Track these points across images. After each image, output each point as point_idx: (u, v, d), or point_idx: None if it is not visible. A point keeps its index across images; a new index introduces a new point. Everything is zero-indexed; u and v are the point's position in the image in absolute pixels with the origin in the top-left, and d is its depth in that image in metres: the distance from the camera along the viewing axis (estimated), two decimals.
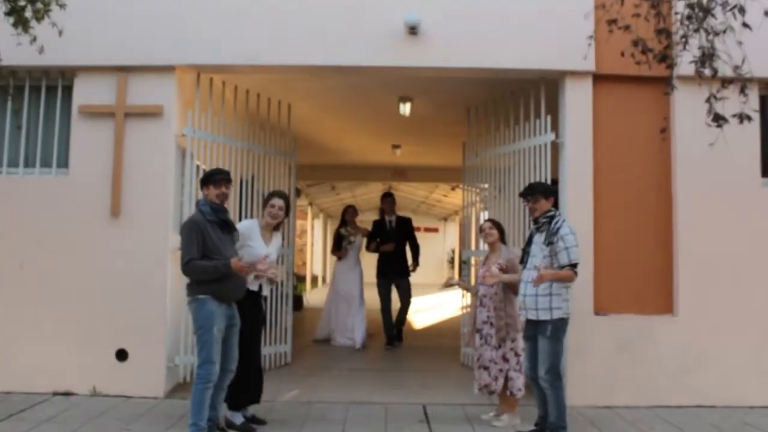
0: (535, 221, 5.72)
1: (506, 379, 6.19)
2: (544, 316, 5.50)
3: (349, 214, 10.95)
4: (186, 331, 7.17)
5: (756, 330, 7.07)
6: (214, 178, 5.49)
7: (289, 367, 8.69)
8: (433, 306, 17.90)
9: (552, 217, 5.60)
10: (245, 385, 5.91)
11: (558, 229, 5.49)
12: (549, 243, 5.50)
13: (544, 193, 5.71)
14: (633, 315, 7.10)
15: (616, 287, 7.11)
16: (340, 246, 10.86)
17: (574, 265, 5.43)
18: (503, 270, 6.21)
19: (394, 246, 10.71)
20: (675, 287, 7.15)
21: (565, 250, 5.41)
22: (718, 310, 7.06)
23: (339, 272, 10.98)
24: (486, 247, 6.71)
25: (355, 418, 6.32)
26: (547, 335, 5.48)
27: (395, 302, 10.73)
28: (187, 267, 5.22)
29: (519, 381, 6.14)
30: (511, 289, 6.16)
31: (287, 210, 6.14)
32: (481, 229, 6.60)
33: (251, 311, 5.92)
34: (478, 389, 6.38)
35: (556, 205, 5.73)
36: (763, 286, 7.08)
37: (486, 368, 6.30)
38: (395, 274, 10.73)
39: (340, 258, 10.94)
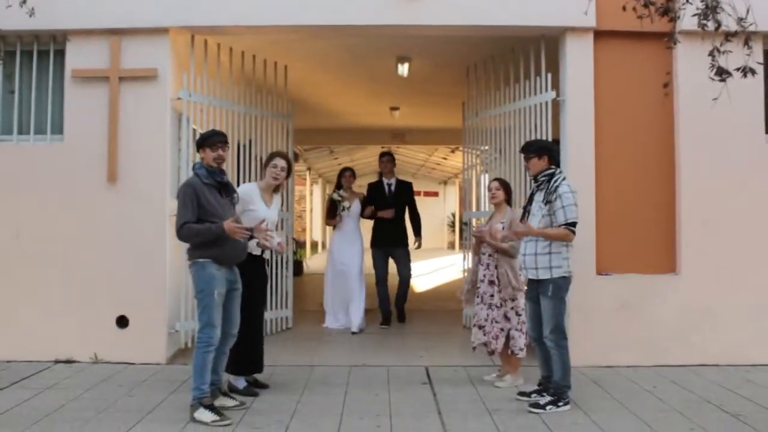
0: (535, 179, 5.65)
1: (508, 338, 6.17)
2: (544, 275, 5.45)
3: (345, 178, 9.32)
4: (186, 297, 7.14)
5: (759, 288, 7.04)
6: (211, 140, 5.38)
7: (290, 332, 8.71)
8: (433, 270, 17.93)
9: (551, 175, 5.52)
10: (249, 350, 5.90)
11: (557, 187, 5.41)
12: (547, 201, 5.43)
13: (536, 152, 5.60)
14: (635, 274, 7.06)
15: (618, 246, 7.07)
16: (334, 213, 9.26)
17: (572, 224, 5.37)
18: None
19: (392, 212, 9.41)
20: (678, 246, 7.11)
21: (561, 209, 5.34)
22: (721, 269, 7.03)
23: (336, 243, 9.40)
24: (490, 207, 6.65)
25: (357, 381, 6.32)
26: (548, 295, 5.44)
27: (392, 277, 9.47)
28: (180, 231, 5.15)
29: (520, 340, 6.12)
30: (505, 254, 6.12)
31: (289, 171, 6.08)
32: (489, 189, 6.53)
33: (255, 275, 5.91)
34: (473, 348, 6.38)
35: (556, 164, 5.63)
36: (767, 244, 7.03)
37: (481, 327, 6.27)
38: (392, 243, 9.41)
39: (335, 227, 9.36)
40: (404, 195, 9.70)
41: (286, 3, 7.07)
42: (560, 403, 5.40)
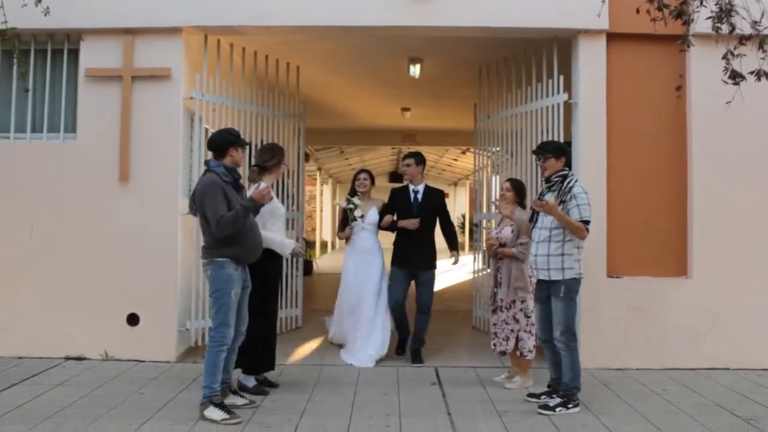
0: (547, 180, 5.65)
1: (517, 340, 6.17)
2: (556, 276, 5.45)
3: (359, 182, 7.57)
4: (197, 296, 7.17)
5: None
6: (243, 141, 5.41)
7: (300, 331, 8.71)
8: (443, 271, 17.89)
9: (564, 176, 5.52)
10: (266, 349, 5.98)
11: (571, 188, 5.42)
12: (561, 201, 5.43)
13: (554, 152, 5.60)
14: (646, 277, 7.04)
15: (629, 249, 7.05)
16: (346, 223, 7.59)
17: (585, 223, 5.37)
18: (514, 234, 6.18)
19: (416, 223, 7.30)
20: (689, 249, 7.08)
21: (576, 207, 5.34)
22: (732, 273, 6.99)
23: (349, 263, 7.59)
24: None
25: (367, 381, 6.33)
26: (560, 296, 5.43)
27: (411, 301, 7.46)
28: (219, 225, 5.10)
29: (529, 342, 6.12)
30: (514, 258, 6.12)
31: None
32: (500, 188, 6.52)
33: (274, 274, 6.00)
34: (498, 353, 6.45)
35: (569, 166, 5.63)
36: None
37: (494, 331, 6.33)
38: (417, 263, 7.34)
39: (347, 240, 7.63)
40: (434, 204, 7.56)
41: (298, 3, 7.08)
42: (570, 405, 5.39)
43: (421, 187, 7.52)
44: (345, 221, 7.59)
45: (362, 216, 7.40)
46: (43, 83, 7.35)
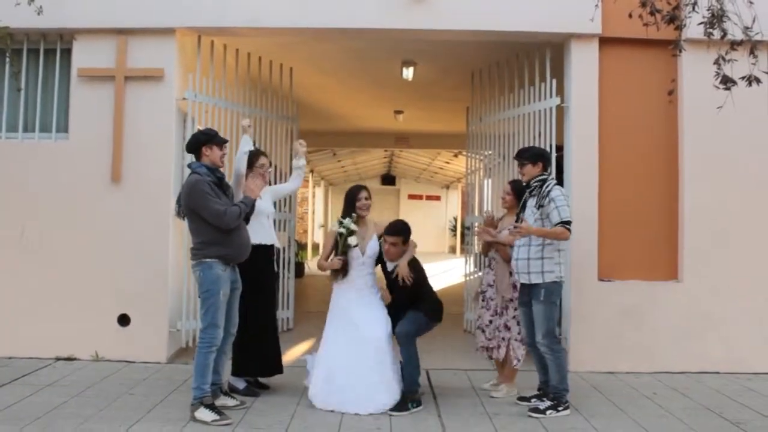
0: (527, 185, 5.69)
1: (508, 348, 6.13)
2: (536, 279, 5.48)
3: (359, 202, 5.81)
4: (188, 297, 7.16)
5: (760, 297, 7.04)
6: (219, 138, 5.37)
7: (291, 333, 8.70)
8: (434, 274, 17.90)
9: (543, 181, 5.57)
10: (271, 351, 5.98)
11: (549, 191, 5.46)
12: (539, 206, 5.47)
13: (530, 159, 5.66)
14: (637, 281, 7.07)
15: (620, 253, 7.08)
16: (337, 252, 5.71)
17: (566, 223, 5.37)
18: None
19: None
20: (680, 253, 7.11)
21: (555, 209, 5.37)
22: (723, 277, 7.03)
23: (338, 301, 5.82)
24: (501, 211, 6.57)
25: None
26: (540, 299, 5.47)
27: None
28: (225, 217, 5.11)
29: (519, 351, 6.05)
30: (506, 257, 6.10)
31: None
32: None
33: (269, 276, 6.02)
34: (476, 349, 6.39)
35: (558, 172, 5.66)
36: None
37: (483, 330, 6.28)
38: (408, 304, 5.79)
39: (336, 278, 5.78)
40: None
41: (291, 5, 7.08)
42: (560, 408, 5.41)
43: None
44: (336, 247, 5.77)
45: (357, 245, 5.73)
46: (36, 83, 7.33)
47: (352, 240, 5.67)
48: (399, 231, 5.69)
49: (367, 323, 5.60)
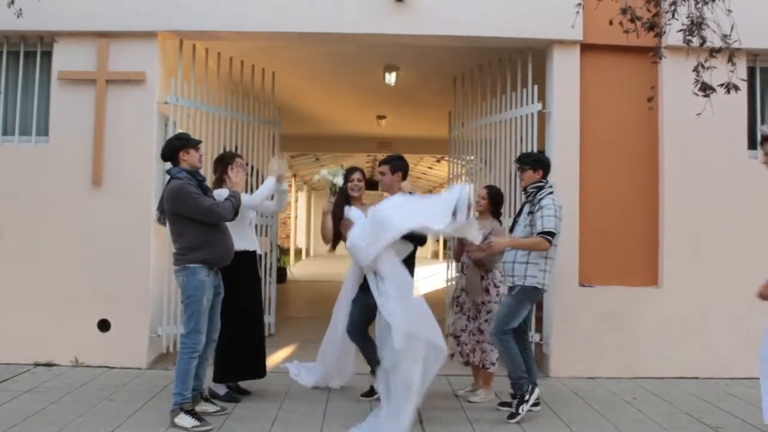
0: (525, 190, 5.71)
1: (481, 351, 6.10)
2: (518, 282, 5.51)
3: (353, 185, 6.22)
4: (169, 302, 7.12)
5: (739, 302, 7.02)
6: (194, 141, 5.36)
7: (273, 339, 8.66)
8: (417, 279, 17.89)
9: (540, 188, 5.58)
10: (256, 355, 5.99)
11: (541, 199, 5.47)
12: (530, 213, 5.49)
13: (531, 164, 5.68)
14: (617, 287, 7.11)
15: (601, 259, 7.11)
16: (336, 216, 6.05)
17: (548, 234, 5.36)
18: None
19: None
20: (660, 259, 7.16)
21: (541, 218, 5.38)
22: (702, 282, 7.07)
23: (351, 283, 6.12)
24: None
25: (339, 389, 6.31)
26: (512, 294, 5.54)
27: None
28: (219, 209, 5.16)
29: (492, 355, 6.03)
30: (479, 263, 6.09)
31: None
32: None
33: (253, 281, 6.02)
34: (449, 355, 6.04)
35: (546, 179, 5.68)
36: (748, 258, 7.03)
37: (456, 337, 6.25)
38: None
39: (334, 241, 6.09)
40: None
41: (273, 9, 7.07)
42: (527, 398, 5.43)
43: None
44: (336, 210, 6.05)
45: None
46: (16, 85, 7.27)
47: (338, 180, 6.21)
48: (385, 161, 6.25)
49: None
